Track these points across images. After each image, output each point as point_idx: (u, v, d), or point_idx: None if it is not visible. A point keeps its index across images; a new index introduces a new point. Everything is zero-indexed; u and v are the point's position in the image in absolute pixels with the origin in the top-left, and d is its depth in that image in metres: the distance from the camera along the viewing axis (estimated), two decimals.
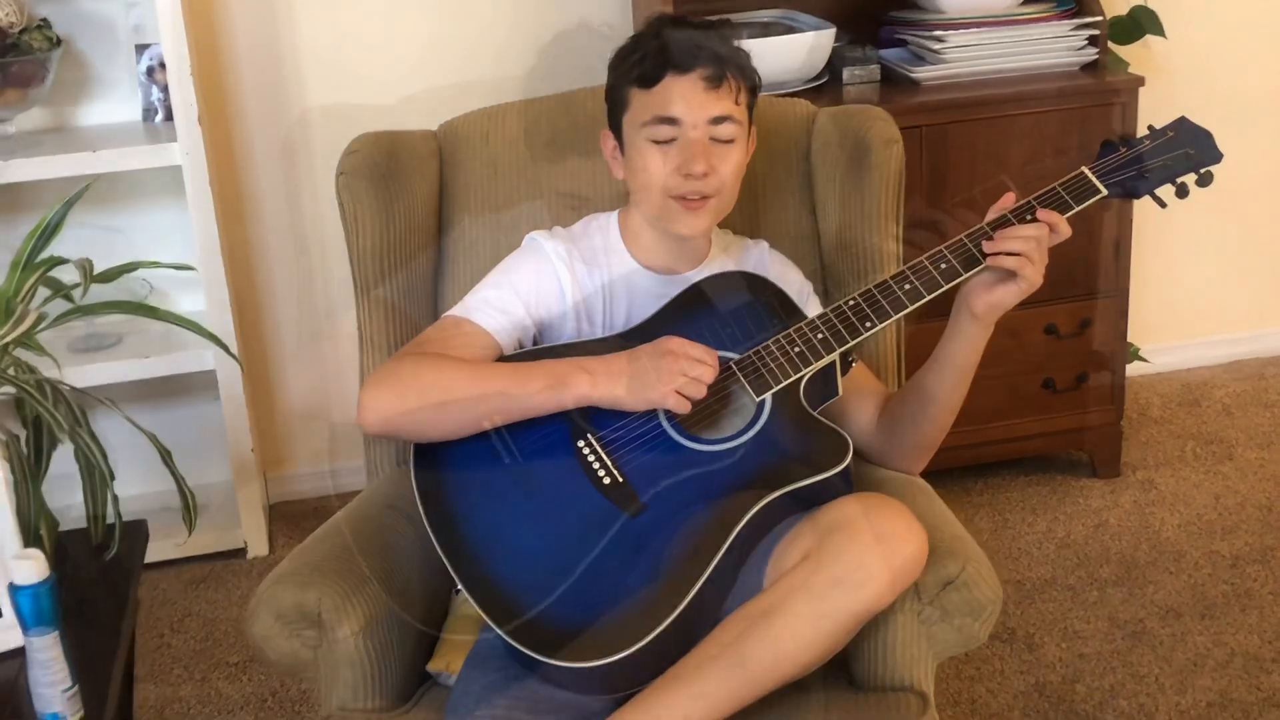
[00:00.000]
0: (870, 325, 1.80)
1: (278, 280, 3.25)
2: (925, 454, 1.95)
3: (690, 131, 1.83)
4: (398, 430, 1.83)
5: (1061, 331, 3.08)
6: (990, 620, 1.74)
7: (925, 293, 1.79)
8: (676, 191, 1.85)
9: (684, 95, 1.83)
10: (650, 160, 1.85)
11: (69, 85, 2.99)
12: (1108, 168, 1.85)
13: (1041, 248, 1.78)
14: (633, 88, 1.86)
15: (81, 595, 1.89)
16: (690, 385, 1.70)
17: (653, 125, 1.84)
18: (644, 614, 1.63)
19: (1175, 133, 1.88)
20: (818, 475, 1.71)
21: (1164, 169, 1.85)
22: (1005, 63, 3.02)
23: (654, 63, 1.84)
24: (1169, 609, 2.73)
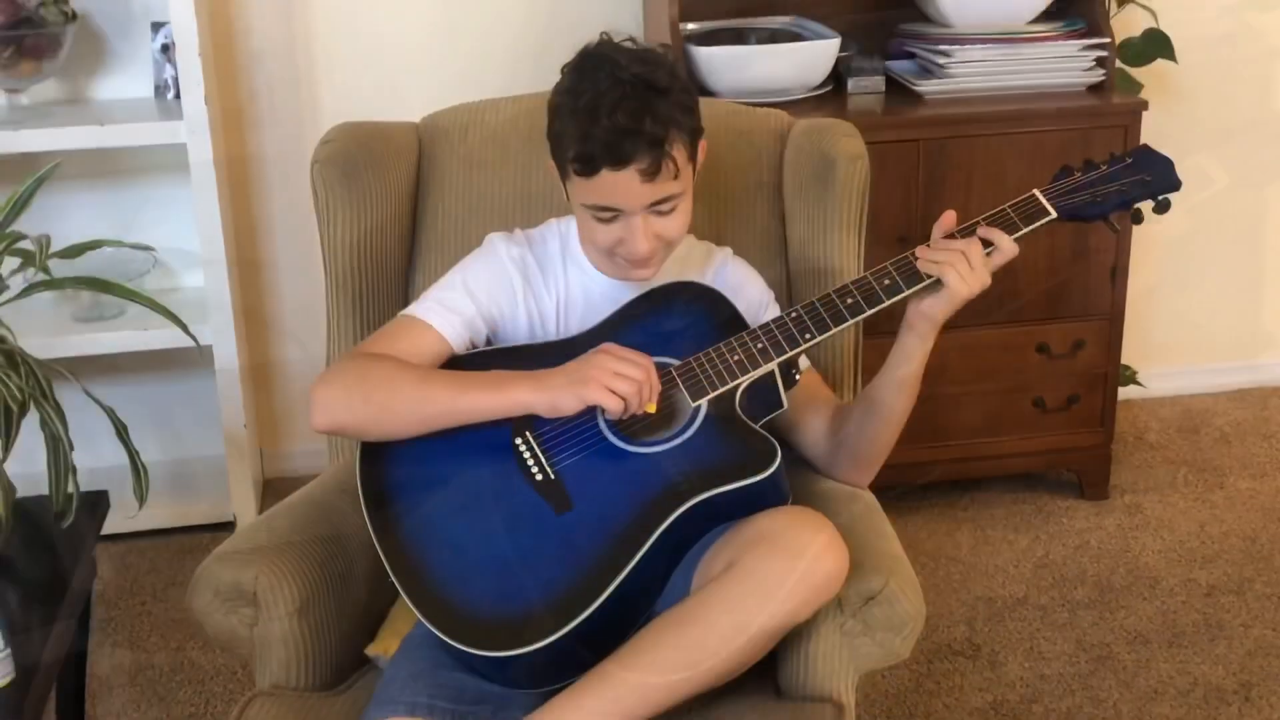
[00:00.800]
0: (810, 337, 1.81)
1: (282, 259, 3.30)
2: (869, 467, 1.96)
3: (631, 218, 1.82)
4: (345, 430, 1.87)
5: (1053, 351, 3.08)
6: (912, 636, 1.76)
7: (866, 307, 1.81)
8: (623, 256, 1.87)
9: (622, 188, 1.79)
10: (593, 230, 1.86)
11: (84, 59, 3.05)
12: (1060, 190, 1.86)
13: (971, 260, 1.79)
14: (571, 165, 1.81)
15: (35, 562, 1.94)
16: (619, 382, 1.72)
17: (593, 209, 1.83)
18: (559, 610, 1.66)
19: (1133, 159, 1.89)
20: (743, 480, 1.72)
21: (1118, 194, 1.86)
22: (1011, 80, 3.02)
23: (588, 156, 1.77)
24: (1137, 635, 2.73)
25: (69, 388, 2.05)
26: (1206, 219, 3.58)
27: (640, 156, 1.76)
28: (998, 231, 1.82)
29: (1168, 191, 1.88)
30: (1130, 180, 1.87)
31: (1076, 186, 1.87)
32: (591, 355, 1.76)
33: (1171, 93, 3.41)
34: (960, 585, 2.90)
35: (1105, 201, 1.86)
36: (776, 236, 2.21)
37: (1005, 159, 2.93)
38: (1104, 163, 1.89)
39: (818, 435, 1.98)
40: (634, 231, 1.83)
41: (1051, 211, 1.85)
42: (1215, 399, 3.70)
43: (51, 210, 3.05)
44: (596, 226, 1.85)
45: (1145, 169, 1.88)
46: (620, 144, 1.75)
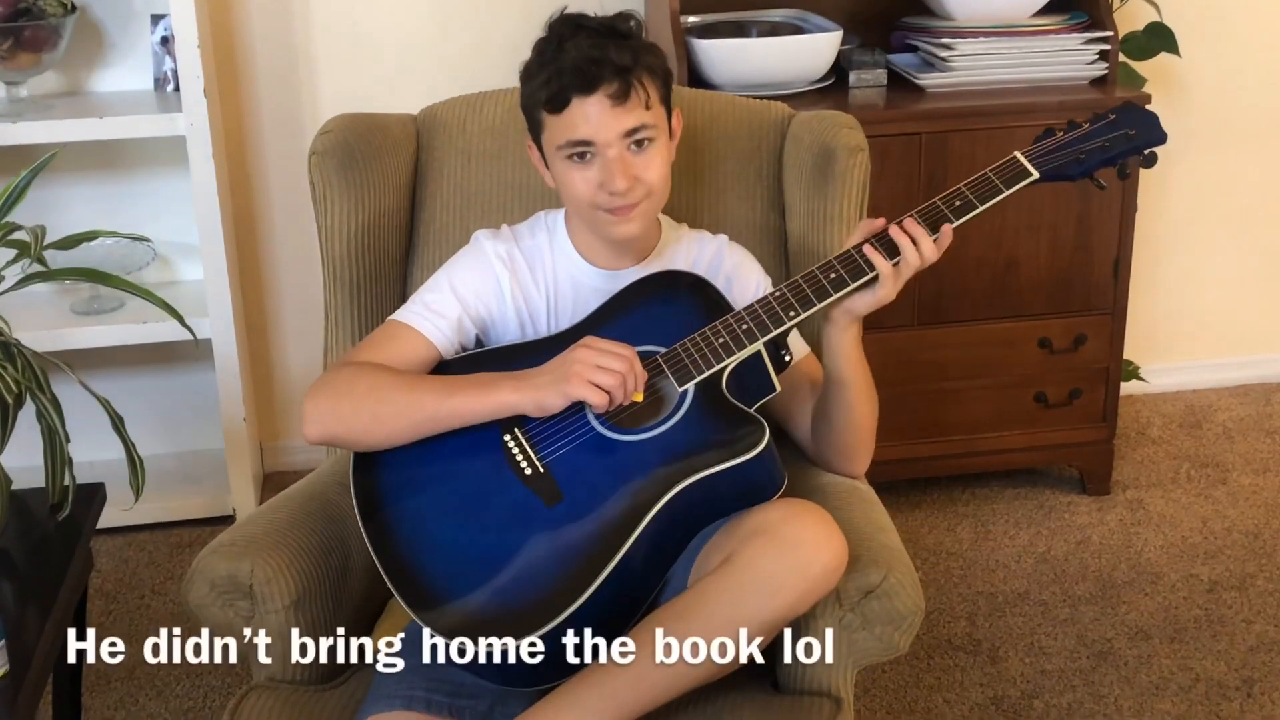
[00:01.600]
0: (794, 314, 1.80)
1: (281, 253, 3.29)
2: (851, 456, 1.95)
3: (606, 150, 1.82)
4: (338, 440, 1.86)
5: (1055, 346, 3.07)
6: (911, 630, 1.75)
7: (850, 280, 1.79)
8: (603, 205, 1.86)
9: (592, 117, 1.81)
10: (572, 180, 1.85)
11: (84, 51, 3.05)
12: (1043, 151, 1.85)
13: (908, 266, 1.79)
14: (542, 110, 1.84)
15: (30, 554, 1.94)
16: (602, 375, 1.71)
17: (567, 148, 1.84)
18: (551, 602, 1.65)
19: (1117, 115, 1.87)
20: (730, 461, 1.71)
21: (1101, 151, 1.84)
22: (1013, 73, 3.01)
23: (557, 87, 1.81)
24: (1139, 630, 2.72)
25: (66, 380, 2.04)
26: (1210, 213, 3.57)
27: (608, 80, 1.79)
28: (925, 236, 1.81)
29: (1153, 145, 1.86)
30: (1114, 136, 1.85)
31: (1059, 146, 1.85)
32: (573, 351, 1.75)
33: (1174, 86, 3.39)
34: (961, 580, 2.89)
35: (1089, 159, 1.84)
36: (776, 229, 2.20)
37: (1007, 152, 2.88)
38: (1086, 121, 1.87)
39: (806, 427, 1.98)
40: (610, 166, 1.82)
41: (1033, 172, 1.83)
42: (1218, 394, 3.69)
43: (51, 203, 3.05)
44: (575, 176, 1.85)
45: (1129, 124, 1.86)
46: (587, 69, 1.79)
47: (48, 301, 3.05)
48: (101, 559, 2.96)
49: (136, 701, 2.57)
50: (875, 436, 1.95)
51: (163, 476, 3.18)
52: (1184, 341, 3.69)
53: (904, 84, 3.04)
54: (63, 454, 1.95)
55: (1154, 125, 1.86)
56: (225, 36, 3.10)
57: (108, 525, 2.71)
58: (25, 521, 2.01)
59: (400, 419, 1.79)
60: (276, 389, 3.40)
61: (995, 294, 3.03)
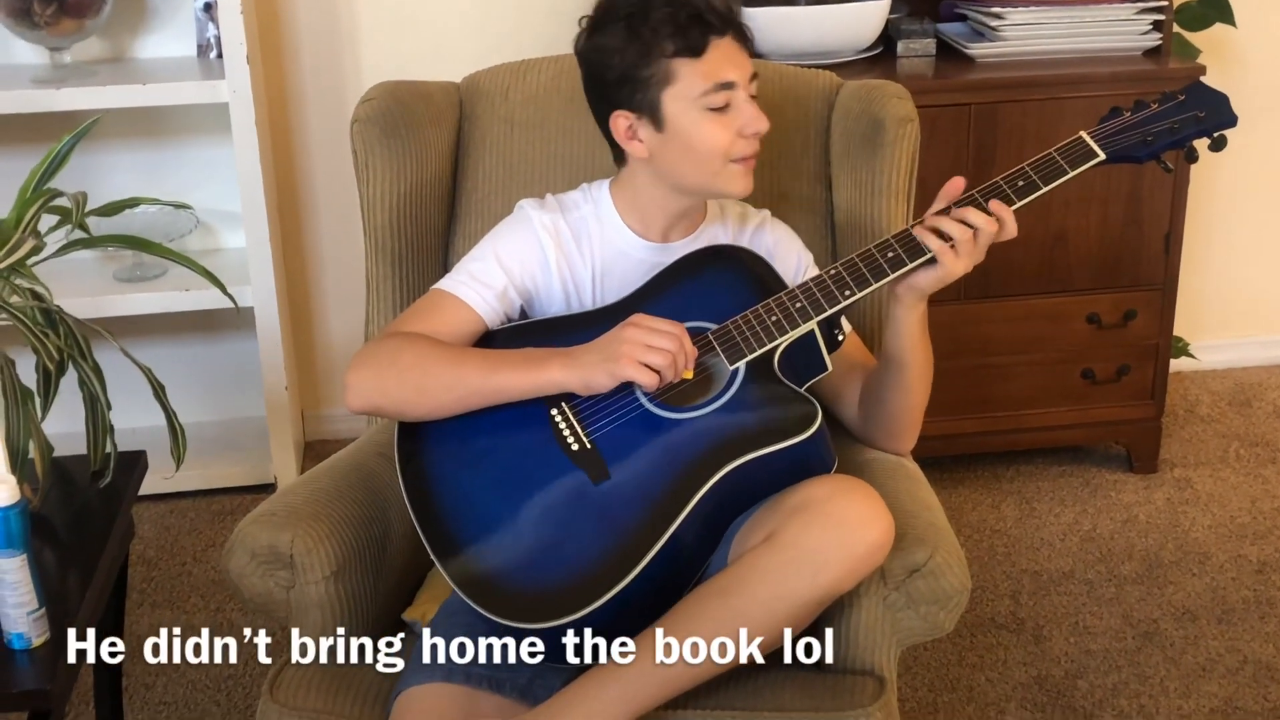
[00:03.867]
0: (849, 294, 1.77)
1: (324, 221, 3.28)
2: (900, 435, 1.93)
3: (742, 92, 1.81)
4: (380, 410, 1.85)
5: (1104, 322, 3.02)
6: (957, 610, 1.73)
7: (908, 260, 1.76)
8: (739, 154, 1.82)
9: (730, 57, 1.81)
10: (710, 131, 1.81)
11: (127, 18, 3.04)
12: (1108, 132, 1.80)
13: (979, 240, 1.75)
14: (675, 60, 1.79)
15: (72, 521, 1.94)
16: (652, 354, 1.69)
17: (712, 94, 1.80)
18: (597, 581, 1.64)
19: (1186, 96, 1.82)
20: (781, 443, 1.69)
21: (1169, 133, 1.79)
22: (1064, 44, 2.96)
23: (699, 30, 1.78)
24: (1186, 611, 2.68)
25: (109, 347, 2.04)
26: (1262, 187, 3.51)
27: (733, 22, 1.81)
28: (1006, 211, 1.76)
29: (1224, 128, 1.81)
30: (1183, 117, 1.80)
31: (1126, 126, 1.80)
32: (621, 330, 1.72)
33: (1229, 58, 3.33)
34: (1005, 558, 2.86)
35: (1156, 141, 1.79)
36: (823, 200, 2.17)
37: (1058, 124, 2.87)
38: (1155, 101, 1.82)
39: (853, 404, 1.95)
40: (748, 105, 1.81)
41: (1100, 153, 1.78)
42: (1269, 372, 3.63)
43: (94, 169, 3.05)
44: (714, 127, 1.80)
45: (1198, 106, 1.81)
46: (714, 10, 1.79)
47: (91, 269, 3.06)
48: (143, 525, 2.96)
49: (177, 669, 2.57)
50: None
51: (205, 444, 3.18)
52: (1235, 318, 3.63)
53: (953, 53, 3.00)
54: (104, 421, 1.95)
55: (1224, 107, 1.81)
56: (268, 3, 3.09)
57: (149, 492, 2.71)
58: (67, 488, 2.01)
59: (445, 393, 1.77)
60: (319, 357, 3.40)
61: (1044, 268, 2.99)
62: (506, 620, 1.65)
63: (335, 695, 1.74)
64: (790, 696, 1.71)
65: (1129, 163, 1.81)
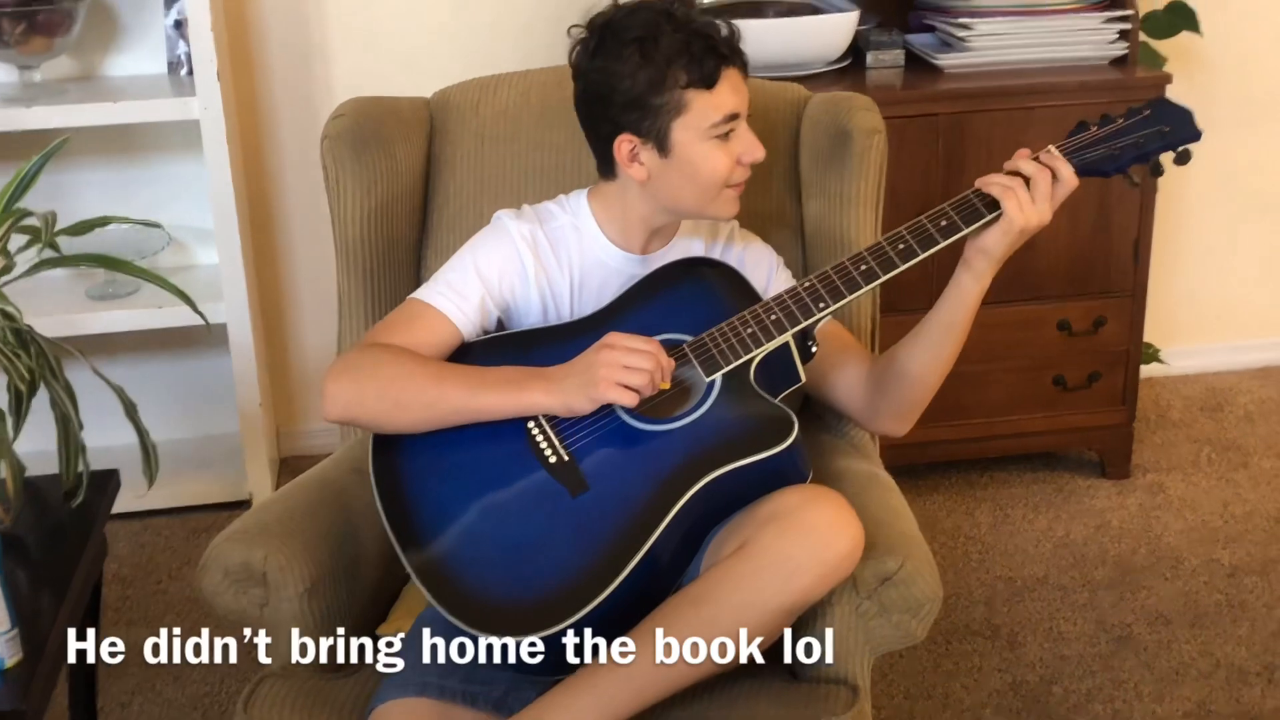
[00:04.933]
0: (824, 306, 1.78)
1: (297, 236, 3.28)
2: (912, 414, 1.93)
3: (744, 121, 1.84)
4: (357, 421, 1.85)
5: (1074, 329, 3.04)
6: (929, 618, 1.74)
7: (881, 272, 1.78)
8: (736, 180, 1.86)
9: (736, 88, 1.83)
10: (716, 158, 1.83)
11: (98, 35, 3.04)
12: (1076, 146, 1.82)
13: (1037, 186, 1.76)
14: (690, 90, 1.80)
15: (45, 540, 1.93)
16: (630, 374, 1.70)
17: (722, 125, 1.82)
18: (575, 594, 1.64)
19: (1151, 110, 1.84)
20: (757, 454, 1.70)
21: (1135, 147, 1.81)
22: (1032, 53, 2.98)
23: (713, 62, 1.80)
24: (1159, 615, 2.70)
25: (81, 365, 2.04)
26: (1230, 194, 3.53)
27: (738, 53, 1.84)
28: (1060, 160, 1.78)
29: (1188, 142, 1.83)
30: (1148, 132, 1.82)
31: (1092, 141, 1.82)
32: (597, 352, 1.73)
33: (1196, 65, 3.36)
34: (979, 565, 2.87)
35: (1122, 155, 1.81)
36: (793, 212, 2.18)
37: (1026, 133, 2.89)
38: (1120, 116, 1.84)
39: (853, 387, 1.95)
40: (749, 134, 1.84)
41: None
42: (1239, 376, 3.66)
43: (65, 187, 3.04)
44: (715, 154, 1.82)
45: (1163, 120, 1.83)
46: (725, 40, 1.82)
47: (63, 287, 3.05)
48: (117, 544, 2.96)
49: (153, 687, 2.56)
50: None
51: (179, 461, 3.18)
52: (1204, 324, 3.66)
53: (922, 64, 3.02)
54: (76, 441, 1.94)
55: (1188, 121, 1.83)
56: (238, 20, 3.09)
57: (124, 510, 2.71)
58: (39, 508, 2.00)
59: (425, 409, 1.78)
60: (293, 373, 3.39)
61: (1014, 276, 2.96)
62: (482, 632, 1.65)
63: (310, 711, 1.74)
64: (764, 705, 1.72)
65: (1096, 175, 1.83)
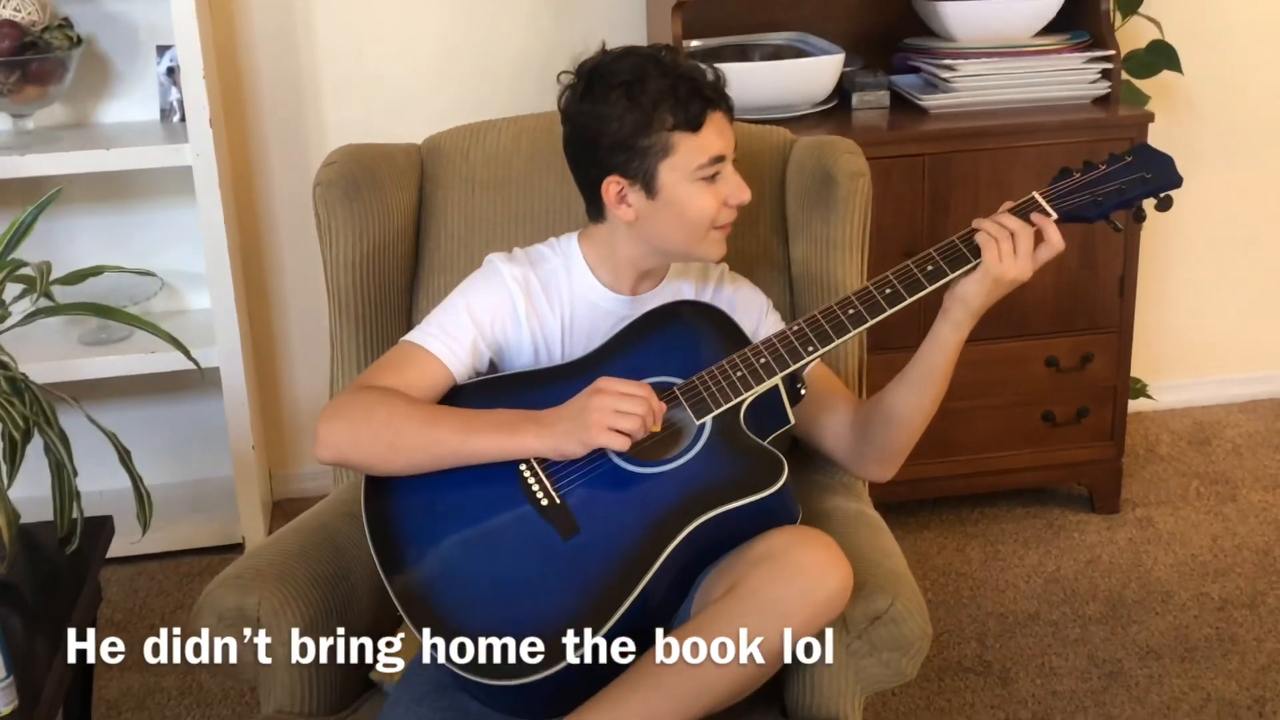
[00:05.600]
0: (812, 350, 1.81)
1: (289, 280, 3.30)
2: (896, 460, 1.95)
3: (730, 164, 1.87)
4: (350, 464, 1.87)
5: (1062, 365, 3.06)
6: (919, 656, 1.75)
7: (869, 317, 1.80)
8: (723, 222, 1.88)
9: (721, 130, 1.86)
10: (703, 200, 1.85)
11: (91, 83, 3.06)
12: (1060, 192, 1.85)
13: (1019, 241, 1.79)
14: (677, 133, 1.83)
15: (39, 588, 1.94)
16: (622, 420, 1.71)
17: (708, 166, 1.84)
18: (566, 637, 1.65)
19: (1133, 157, 1.87)
20: (749, 497, 1.71)
21: (1118, 194, 1.84)
22: (1016, 93, 3.01)
23: (699, 105, 1.83)
24: (1150, 650, 2.71)
25: (75, 409, 2.05)
26: (1213, 229, 3.56)
27: (723, 95, 1.87)
28: (1051, 224, 1.81)
29: (1169, 189, 1.86)
30: (1130, 179, 1.85)
31: (1076, 187, 1.85)
32: (590, 398, 1.74)
33: (1178, 104, 3.40)
34: (970, 601, 2.89)
35: (1106, 201, 1.84)
36: (779, 254, 2.20)
37: (1011, 173, 2.92)
38: (1103, 163, 1.87)
39: (839, 432, 1.97)
40: (734, 176, 1.87)
41: (1051, 213, 1.83)
42: (1226, 410, 3.68)
43: (59, 234, 3.06)
44: (702, 195, 1.85)
45: (1145, 167, 1.86)
46: (711, 84, 1.85)
47: (55, 332, 3.06)
48: (110, 588, 2.96)
49: None
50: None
51: (172, 505, 3.18)
52: (1191, 358, 3.68)
53: (907, 105, 3.05)
54: (71, 488, 1.96)
55: (1170, 168, 1.86)
56: (231, 66, 3.12)
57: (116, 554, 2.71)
58: (33, 555, 2.01)
59: (417, 452, 1.79)
60: (285, 416, 3.41)
61: (1002, 313, 2.95)
62: (476, 677, 1.66)
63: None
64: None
65: (1079, 222, 1.86)
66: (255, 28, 3.11)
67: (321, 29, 3.14)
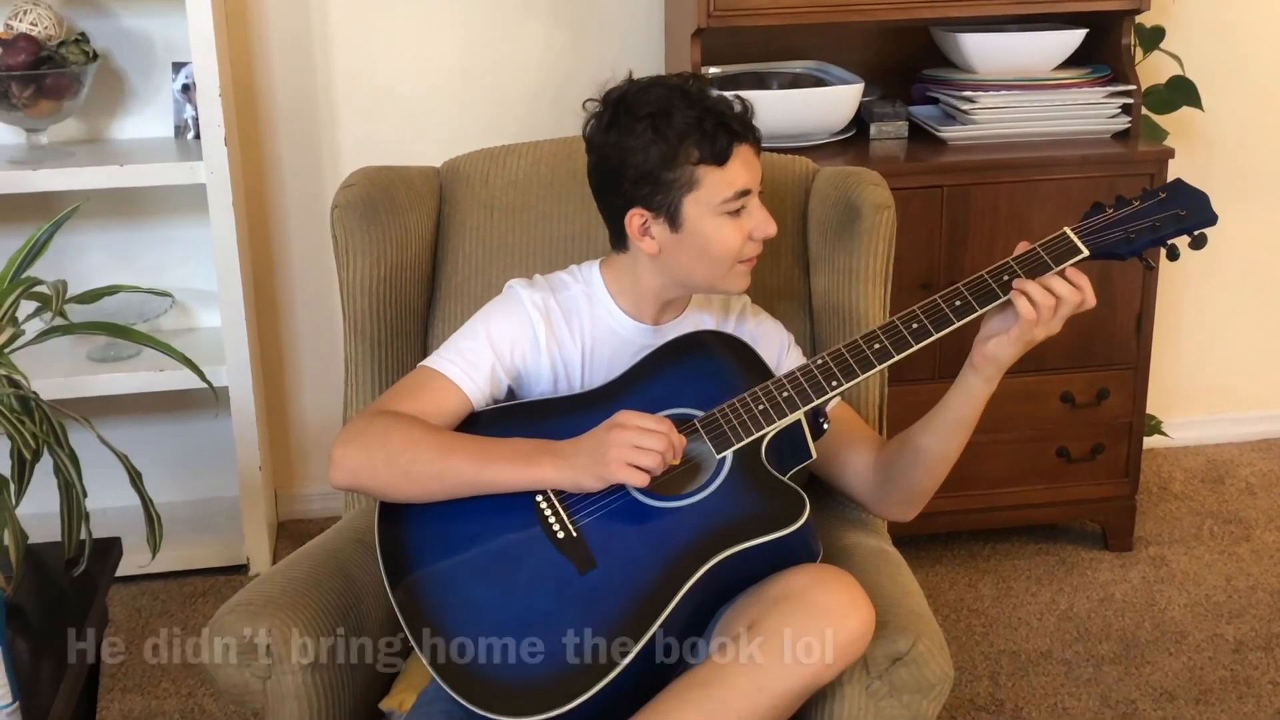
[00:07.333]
0: (836, 384, 1.78)
1: (300, 300, 3.28)
2: (919, 502, 1.92)
3: (756, 197, 1.85)
4: (364, 489, 1.84)
5: (1078, 401, 3.04)
6: (940, 698, 1.72)
7: (894, 352, 1.78)
8: (747, 256, 1.87)
9: (748, 164, 1.84)
10: (728, 234, 1.83)
11: (106, 99, 3.05)
12: (1092, 228, 1.81)
13: (1062, 309, 1.77)
14: (702, 167, 1.81)
15: (46, 610, 1.91)
16: (641, 455, 1.69)
17: (733, 201, 1.82)
18: (583, 673, 1.62)
19: (1167, 194, 1.83)
20: (769, 534, 1.69)
21: (1151, 230, 1.80)
22: (1035, 126, 3.00)
23: (725, 139, 1.81)
24: (1164, 691, 2.68)
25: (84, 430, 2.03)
26: (1231, 267, 3.54)
27: (751, 129, 1.85)
28: (1089, 291, 1.79)
29: (1203, 226, 1.82)
30: (1164, 216, 1.81)
31: (1109, 223, 1.82)
32: (609, 432, 1.72)
33: (1197, 140, 3.38)
34: (983, 638, 2.85)
35: (1138, 238, 1.81)
36: (801, 285, 2.18)
37: (1029, 206, 2.90)
38: (1136, 198, 1.83)
39: (861, 472, 1.94)
40: (760, 210, 1.85)
41: (1083, 249, 1.80)
42: (1240, 449, 3.65)
43: (71, 250, 3.05)
44: (728, 229, 1.83)
45: (1179, 204, 1.82)
46: (738, 117, 1.83)
47: (64, 349, 3.04)
48: (115, 607, 2.93)
49: None
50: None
51: (177, 524, 3.15)
52: (1206, 396, 3.66)
53: (925, 136, 3.03)
54: (80, 509, 1.93)
55: (1205, 205, 1.82)
56: (246, 84, 3.11)
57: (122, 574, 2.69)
58: (41, 576, 1.98)
59: (432, 480, 1.77)
60: (293, 437, 3.38)
61: None
62: (487, 712, 1.63)
63: None
64: None
65: (1111, 259, 1.82)
66: (271, 46, 3.10)
67: (338, 49, 3.12)
